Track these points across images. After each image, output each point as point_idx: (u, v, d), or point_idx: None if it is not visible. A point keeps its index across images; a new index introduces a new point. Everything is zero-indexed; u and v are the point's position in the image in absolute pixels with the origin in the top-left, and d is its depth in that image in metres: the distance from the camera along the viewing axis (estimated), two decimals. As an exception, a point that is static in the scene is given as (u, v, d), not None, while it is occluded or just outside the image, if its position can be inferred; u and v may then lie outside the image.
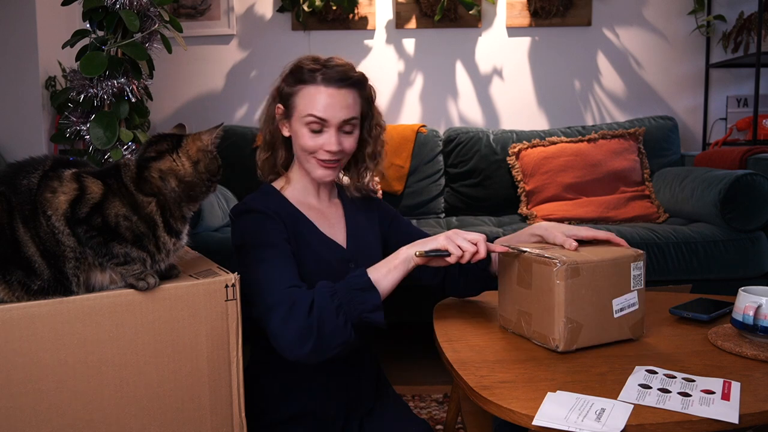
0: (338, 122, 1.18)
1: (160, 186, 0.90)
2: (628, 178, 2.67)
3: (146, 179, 0.89)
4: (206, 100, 3.13)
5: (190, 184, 0.92)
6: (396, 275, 1.08)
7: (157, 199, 0.89)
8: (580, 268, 1.00)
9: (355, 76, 1.21)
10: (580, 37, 3.10)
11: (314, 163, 1.21)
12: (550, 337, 1.01)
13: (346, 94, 1.19)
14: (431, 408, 1.95)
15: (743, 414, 0.80)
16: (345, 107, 1.18)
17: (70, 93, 1.97)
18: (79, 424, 0.84)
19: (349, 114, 1.19)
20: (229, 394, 0.94)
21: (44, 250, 0.83)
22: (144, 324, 0.87)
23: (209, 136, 0.93)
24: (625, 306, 1.05)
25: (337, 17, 3.02)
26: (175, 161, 0.91)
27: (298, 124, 1.20)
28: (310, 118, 1.18)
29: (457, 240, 1.08)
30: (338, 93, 1.18)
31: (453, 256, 1.07)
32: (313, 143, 1.19)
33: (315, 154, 1.20)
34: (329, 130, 1.19)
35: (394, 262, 1.09)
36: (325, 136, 1.19)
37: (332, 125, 1.18)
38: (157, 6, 1.99)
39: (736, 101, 3.06)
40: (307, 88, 1.19)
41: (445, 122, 3.14)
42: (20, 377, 0.81)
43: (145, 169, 0.90)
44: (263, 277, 1.07)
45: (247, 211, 1.18)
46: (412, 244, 1.12)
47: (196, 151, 0.92)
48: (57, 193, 0.83)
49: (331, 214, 1.30)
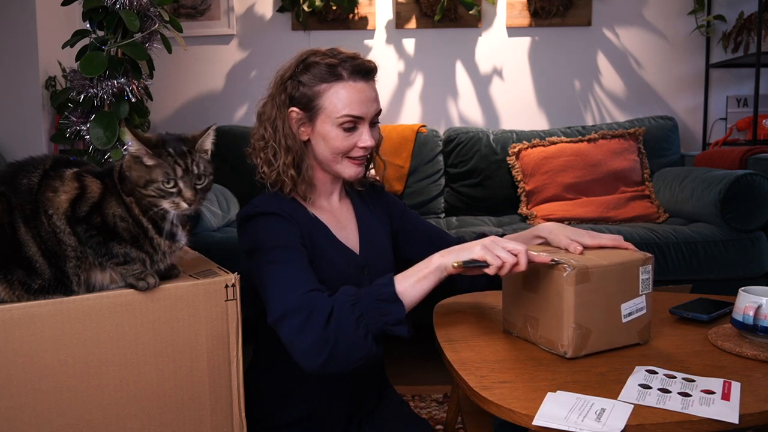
0: (371, 117, 1.15)
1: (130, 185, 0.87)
2: (628, 178, 2.67)
3: (122, 176, 0.88)
4: (206, 100, 3.13)
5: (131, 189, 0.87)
6: (426, 285, 1.00)
7: (135, 199, 0.87)
8: (589, 273, 0.98)
9: (374, 66, 1.17)
10: (580, 37, 3.10)
11: (347, 163, 1.16)
12: (559, 342, 1.00)
13: (372, 85, 1.16)
14: (431, 408, 1.94)
15: (743, 414, 0.80)
16: (375, 100, 1.15)
17: (70, 93, 1.97)
18: (79, 424, 0.84)
19: (378, 106, 1.16)
20: (229, 394, 0.94)
21: (45, 249, 0.83)
22: (144, 324, 0.87)
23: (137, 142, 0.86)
24: (634, 310, 1.03)
25: (337, 17, 3.02)
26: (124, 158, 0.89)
27: (328, 125, 1.13)
28: (346, 118, 1.12)
29: (496, 250, 0.98)
30: (368, 87, 1.14)
31: (492, 267, 0.98)
32: (348, 143, 1.14)
33: (349, 153, 1.15)
34: (363, 126, 1.14)
35: (424, 270, 1.00)
36: (358, 132, 1.14)
37: (367, 121, 1.14)
38: (157, 6, 1.99)
39: (736, 101, 3.06)
40: (334, 86, 1.12)
41: (445, 122, 3.14)
42: (20, 377, 0.81)
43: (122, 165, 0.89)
44: (279, 280, 1.01)
45: (258, 214, 1.11)
46: (447, 251, 1.02)
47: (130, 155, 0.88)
48: (58, 192, 0.84)
49: (343, 215, 1.25)
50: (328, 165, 1.18)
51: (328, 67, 1.12)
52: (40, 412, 0.82)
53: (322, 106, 1.13)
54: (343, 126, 1.13)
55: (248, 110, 3.13)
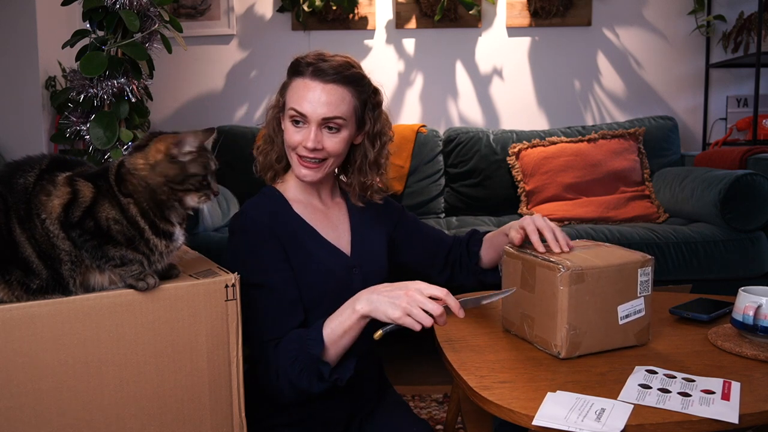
0: (318, 119, 1.13)
1: (136, 185, 0.87)
2: (628, 178, 2.67)
3: (123, 178, 0.88)
4: (206, 100, 3.13)
5: (151, 188, 0.88)
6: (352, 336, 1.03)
7: (134, 200, 0.87)
8: (585, 274, 0.97)
9: (347, 72, 1.15)
10: (580, 37, 3.10)
11: (296, 160, 1.18)
12: (552, 342, 1.00)
13: (332, 90, 1.13)
14: (431, 408, 1.94)
15: (743, 414, 0.80)
16: (327, 104, 1.13)
17: (70, 93, 1.97)
18: (79, 424, 0.84)
19: (331, 112, 1.13)
20: (229, 394, 0.94)
21: (40, 251, 0.82)
22: (144, 324, 0.87)
23: (172, 139, 0.89)
24: (631, 313, 1.02)
25: (337, 17, 3.02)
26: (139, 160, 0.88)
27: (286, 117, 1.18)
28: (291, 111, 1.15)
29: (413, 310, 0.95)
30: (323, 88, 1.13)
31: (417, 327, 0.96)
32: (294, 138, 1.15)
33: (296, 150, 1.17)
34: (309, 126, 1.14)
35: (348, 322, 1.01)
36: (305, 130, 1.15)
37: (312, 121, 1.13)
38: (157, 6, 1.99)
39: (736, 101, 3.06)
40: (296, 81, 1.16)
41: (445, 122, 3.14)
42: (20, 377, 0.81)
43: (122, 166, 0.89)
44: (251, 320, 1.07)
45: (240, 231, 1.16)
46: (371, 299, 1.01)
47: (155, 152, 0.89)
48: (51, 197, 0.83)
49: (334, 215, 1.26)
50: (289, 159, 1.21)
51: (305, 64, 1.16)
52: (40, 412, 0.82)
53: (286, 97, 1.19)
54: (292, 119, 1.16)
55: (248, 110, 3.13)
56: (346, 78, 1.15)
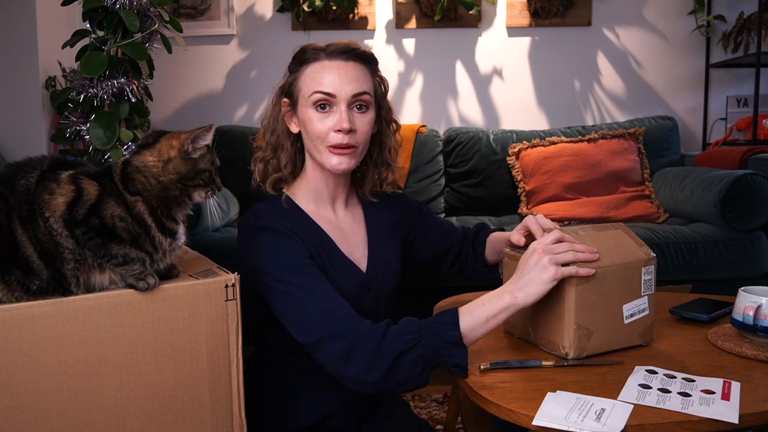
0: (347, 97, 1.07)
1: (144, 183, 0.88)
2: (628, 178, 2.67)
3: (130, 177, 0.88)
4: (206, 100, 3.13)
5: (164, 185, 0.89)
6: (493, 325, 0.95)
7: (142, 198, 0.88)
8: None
9: (361, 50, 1.11)
10: (580, 37, 3.10)
11: (326, 151, 1.09)
12: (560, 344, 0.99)
13: (354, 66, 1.09)
14: (431, 408, 1.94)
15: (743, 414, 0.80)
16: (354, 80, 1.07)
17: (70, 93, 1.97)
18: (79, 424, 0.84)
19: (359, 87, 1.08)
20: (229, 394, 0.94)
21: (42, 251, 0.82)
22: (144, 324, 0.87)
23: (186, 135, 0.90)
24: (636, 312, 1.02)
25: (337, 17, 3.02)
26: (149, 157, 0.89)
27: (305, 108, 1.09)
28: (316, 95, 1.07)
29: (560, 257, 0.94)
30: (345, 65, 1.08)
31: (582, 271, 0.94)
32: (323, 126, 1.07)
33: (326, 140, 1.08)
34: (339, 106, 1.07)
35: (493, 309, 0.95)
36: (334, 114, 1.07)
37: (341, 100, 1.07)
38: (157, 6, 1.99)
39: (736, 101, 3.06)
40: (310, 66, 1.09)
41: (445, 122, 3.14)
42: (20, 377, 0.81)
43: (128, 165, 0.89)
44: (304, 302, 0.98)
45: (261, 228, 1.07)
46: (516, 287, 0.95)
47: (168, 149, 0.90)
48: (55, 195, 0.83)
49: (347, 226, 1.19)
50: (313, 155, 1.13)
51: (312, 51, 1.11)
52: (40, 412, 0.82)
53: (300, 87, 1.11)
54: (316, 105, 1.08)
55: (248, 110, 3.13)
56: (362, 55, 1.11)
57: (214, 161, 0.94)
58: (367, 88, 1.10)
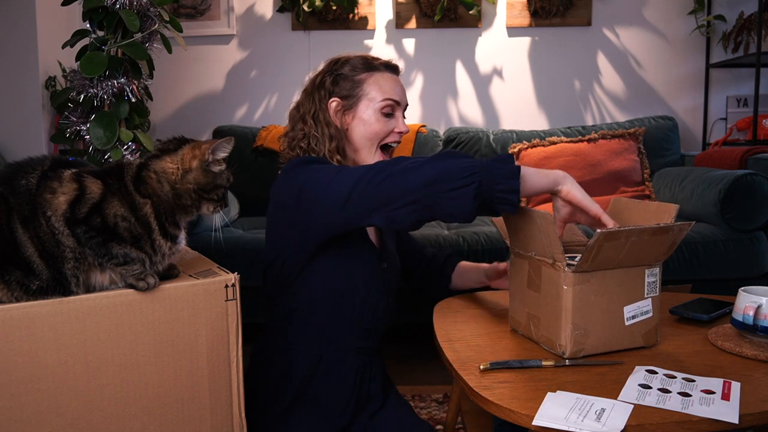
0: (405, 105, 1.28)
1: (156, 187, 0.89)
2: (628, 178, 2.67)
3: (143, 179, 0.89)
4: (206, 100, 3.13)
5: (179, 192, 0.90)
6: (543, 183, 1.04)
7: (152, 201, 0.88)
8: (590, 275, 0.97)
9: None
10: (580, 37, 3.10)
11: (378, 154, 1.24)
12: (557, 342, 0.99)
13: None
14: (431, 408, 1.94)
15: (743, 414, 0.80)
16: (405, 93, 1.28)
17: (70, 93, 1.97)
18: (79, 424, 0.84)
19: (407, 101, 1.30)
20: (229, 394, 0.94)
21: (43, 250, 0.82)
22: (144, 324, 0.87)
23: (207, 145, 0.92)
24: (638, 313, 1.01)
25: (337, 17, 3.02)
26: (169, 164, 0.90)
27: (369, 110, 1.23)
28: (388, 102, 1.22)
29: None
30: (399, 80, 1.28)
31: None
32: (386, 127, 1.23)
33: (385, 139, 1.24)
34: (399, 113, 1.26)
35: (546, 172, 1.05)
36: (395, 119, 1.25)
37: (401, 108, 1.26)
38: (157, 6, 1.99)
39: (736, 101, 3.06)
40: (375, 75, 1.24)
41: (445, 122, 3.14)
42: (20, 377, 0.81)
43: (144, 168, 0.90)
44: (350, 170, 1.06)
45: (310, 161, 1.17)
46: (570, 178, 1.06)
47: (190, 158, 0.91)
48: (56, 194, 0.83)
49: None
50: (361, 151, 1.25)
51: (366, 60, 1.26)
52: (40, 412, 0.82)
53: (364, 92, 1.24)
54: (383, 111, 1.23)
55: (248, 110, 3.13)
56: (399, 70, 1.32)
57: (229, 179, 0.97)
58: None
